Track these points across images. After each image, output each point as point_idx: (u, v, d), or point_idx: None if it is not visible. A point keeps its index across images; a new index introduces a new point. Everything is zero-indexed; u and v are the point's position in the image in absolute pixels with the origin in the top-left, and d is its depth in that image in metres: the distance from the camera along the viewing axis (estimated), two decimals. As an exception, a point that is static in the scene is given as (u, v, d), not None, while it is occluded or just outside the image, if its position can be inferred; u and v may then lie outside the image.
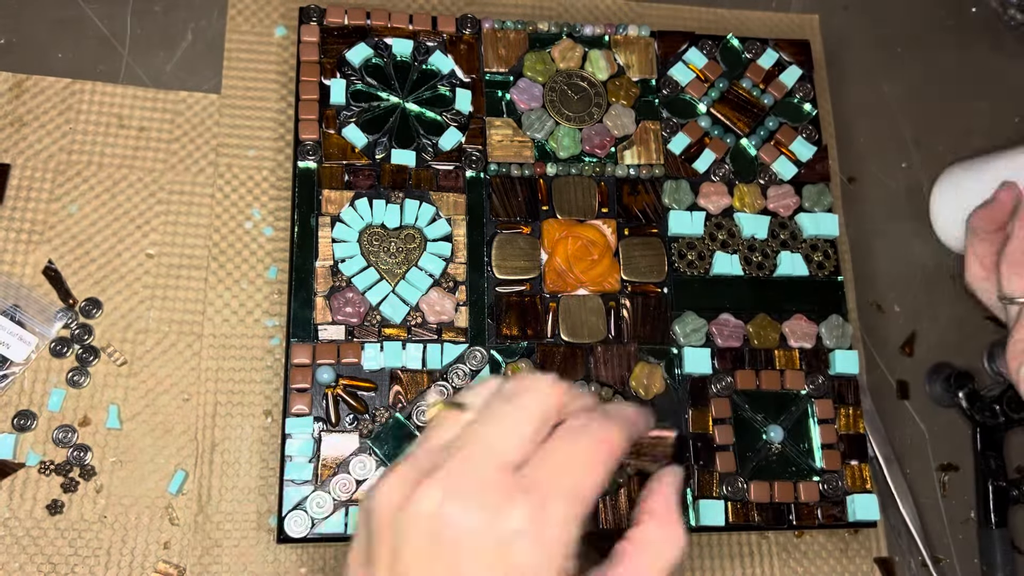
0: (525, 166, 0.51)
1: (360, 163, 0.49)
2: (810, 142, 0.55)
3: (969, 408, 0.54)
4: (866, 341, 0.55)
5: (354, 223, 0.48)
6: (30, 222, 0.49)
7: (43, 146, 0.50)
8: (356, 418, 0.45)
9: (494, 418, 0.30)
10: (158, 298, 0.49)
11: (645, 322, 0.50)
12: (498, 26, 0.54)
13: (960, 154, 0.59)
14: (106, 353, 0.47)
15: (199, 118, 0.52)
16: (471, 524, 0.27)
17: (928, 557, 0.51)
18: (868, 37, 0.63)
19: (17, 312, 0.47)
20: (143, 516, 0.45)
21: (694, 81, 0.55)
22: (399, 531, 0.28)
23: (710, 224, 0.52)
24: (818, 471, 0.49)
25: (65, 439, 0.45)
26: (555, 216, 0.51)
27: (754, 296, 0.51)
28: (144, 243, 0.50)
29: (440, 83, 0.52)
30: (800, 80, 0.56)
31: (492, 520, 0.27)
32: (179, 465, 0.46)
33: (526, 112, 0.52)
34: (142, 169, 0.51)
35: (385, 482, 0.29)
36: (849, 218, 0.58)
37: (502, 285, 0.49)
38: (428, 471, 0.29)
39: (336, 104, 0.50)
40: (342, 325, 0.47)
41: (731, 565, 0.49)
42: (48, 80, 0.51)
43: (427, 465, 0.29)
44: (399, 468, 0.30)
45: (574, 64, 0.54)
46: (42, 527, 0.44)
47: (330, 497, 0.44)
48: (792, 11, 0.62)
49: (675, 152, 0.53)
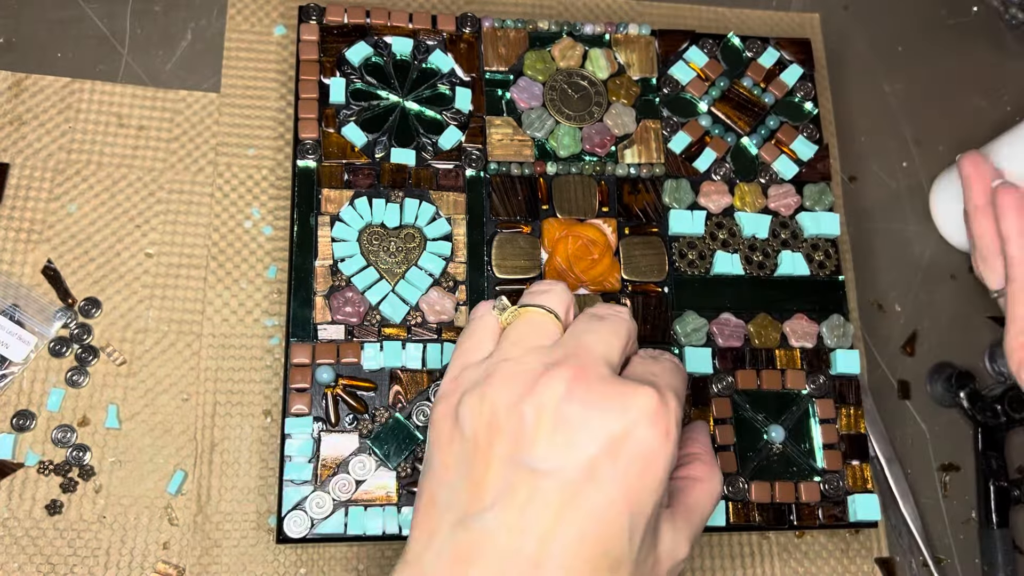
0: (525, 165, 0.51)
1: (360, 162, 0.49)
2: (811, 141, 0.55)
3: (970, 408, 0.54)
4: (867, 341, 0.55)
5: (354, 222, 0.48)
6: (29, 221, 0.49)
7: (42, 145, 0.50)
8: (356, 418, 0.45)
9: (595, 330, 0.33)
10: (157, 297, 0.49)
11: (646, 322, 0.50)
12: (498, 25, 0.54)
13: (961, 153, 0.59)
14: (105, 353, 0.47)
15: (198, 117, 0.52)
16: (599, 409, 0.30)
17: (929, 557, 0.51)
18: (869, 36, 0.63)
19: (16, 312, 0.47)
20: (142, 516, 0.45)
21: (695, 80, 0.55)
22: (523, 420, 0.30)
23: (711, 223, 0.52)
24: (819, 471, 0.49)
25: (64, 439, 0.45)
26: (555, 215, 0.51)
27: (755, 295, 0.51)
28: (143, 242, 0.49)
29: (440, 82, 0.52)
30: (801, 79, 0.56)
31: (618, 406, 0.30)
32: (178, 465, 0.46)
33: (526, 111, 0.52)
34: (141, 168, 0.51)
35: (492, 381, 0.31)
36: (850, 217, 0.58)
37: (502, 285, 0.49)
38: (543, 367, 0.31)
39: (336, 103, 0.50)
40: (342, 325, 0.47)
41: (732, 565, 0.49)
42: (47, 79, 0.51)
43: (537, 364, 0.31)
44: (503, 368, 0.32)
45: (574, 63, 0.54)
46: (41, 527, 0.44)
47: (330, 497, 0.44)
48: (793, 10, 0.62)
49: (676, 151, 0.53)
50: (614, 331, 0.33)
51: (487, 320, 0.36)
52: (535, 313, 0.34)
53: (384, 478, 0.44)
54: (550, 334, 0.33)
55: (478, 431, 0.31)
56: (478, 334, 0.35)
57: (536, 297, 0.35)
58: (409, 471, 0.45)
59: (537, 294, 0.35)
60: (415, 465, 0.45)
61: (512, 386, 0.31)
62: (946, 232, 0.59)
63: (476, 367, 0.33)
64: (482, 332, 0.35)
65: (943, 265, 0.59)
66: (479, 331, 0.35)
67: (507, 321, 0.35)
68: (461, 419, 0.31)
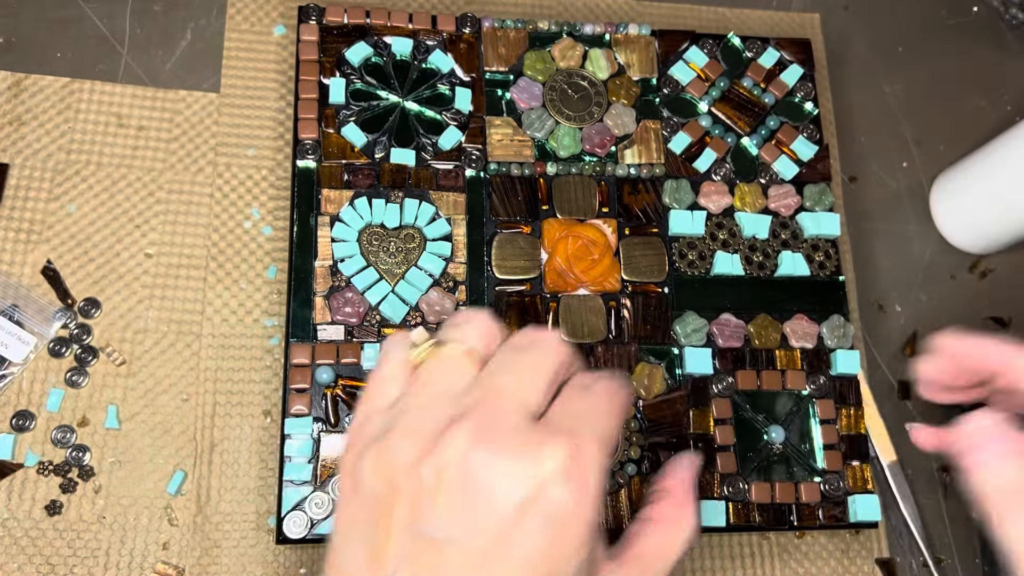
0: (525, 165, 0.51)
1: (359, 162, 0.49)
2: (811, 141, 0.55)
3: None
4: (867, 341, 0.55)
5: (353, 223, 0.48)
6: (28, 222, 0.49)
7: (42, 145, 0.50)
8: (356, 418, 0.45)
9: (512, 368, 0.29)
10: (157, 298, 0.49)
11: (646, 322, 0.49)
12: (498, 25, 0.53)
13: (961, 153, 0.59)
14: (105, 353, 0.47)
15: (198, 117, 0.52)
16: (505, 468, 0.27)
17: (929, 558, 0.51)
18: (869, 36, 0.63)
19: (15, 312, 0.47)
20: (142, 516, 0.45)
21: (695, 80, 0.55)
22: (422, 483, 0.27)
23: (711, 224, 0.52)
24: (819, 472, 0.49)
25: (64, 439, 0.45)
26: (555, 216, 0.51)
27: (755, 296, 0.51)
28: (143, 243, 0.49)
29: (440, 82, 0.52)
30: (801, 79, 0.56)
31: (527, 463, 0.27)
32: (178, 465, 0.46)
33: (526, 111, 0.52)
34: (141, 168, 0.51)
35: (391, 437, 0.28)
36: (850, 218, 0.58)
37: (502, 285, 0.49)
38: (447, 420, 0.28)
39: (335, 103, 0.50)
40: (341, 325, 0.46)
41: (732, 566, 0.49)
42: (47, 79, 0.51)
43: (441, 415, 0.28)
44: (404, 421, 0.28)
45: (574, 63, 0.54)
46: (41, 528, 0.44)
47: (329, 498, 0.44)
48: (793, 10, 0.62)
49: (676, 151, 0.53)
50: (534, 367, 0.29)
51: (396, 356, 0.31)
52: (448, 350, 0.30)
53: (384, 478, 0.44)
54: (464, 375, 0.30)
55: (378, 493, 0.28)
56: (385, 374, 0.31)
57: (453, 330, 0.31)
58: (409, 471, 0.45)
59: (454, 327, 0.31)
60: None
61: (413, 442, 0.27)
62: (946, 232, 0.59)
63: (382, 414, 0.30)
64: (390, 371, 0.31)
65: (943, 265, 0.59)
66: (387, 370, 0.31)
67: (418, 359, 0.31)
68: (361, 478, 0.28)
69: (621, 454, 0.46)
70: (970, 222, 0.57)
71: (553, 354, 0.30)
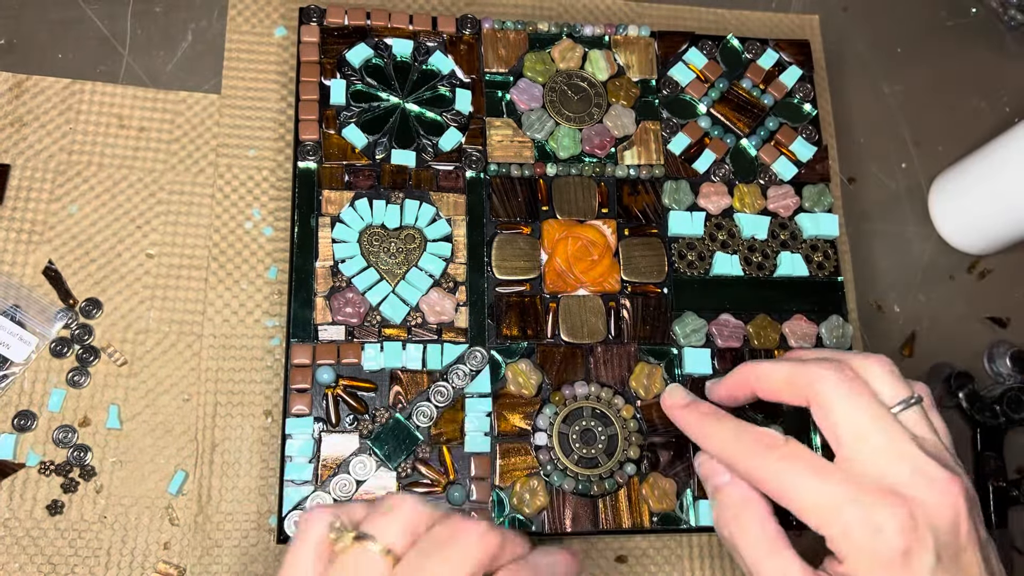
0: (525, 166, 0.51)
1: (360, 163, 0.49)
2: (810, 142, 0.55)
3: (969, 408, 0.54)
4: (866, 341, 0.55)
5: (354, 223, 0.48)
6: (30, 222, 0.49)
7: (43, 146, 0.50)
8: (356, 418, 0.45)
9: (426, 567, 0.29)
10: (158, 298, 0.49)
11: (645, 322, 0.50)
12: (498, 26, 0.54)
13: (960, 154, 0.59)
14: (106, 353, 0.47)
15: (199, 118, 0.52)
16: None
17: (928, 557, 0.51)
18: (868, 37, 0.63)
19: (17, 312, 0.47)
20: (143, 516, 0.45)
21: (694, 81, 0.55)
22: None
23: (710, 224, 0.52)
24: (818, 471, 0.49)
25: (65, 439, 0.45)
26: (555, 216, 0.51)
27: (754, 296, 0.51)
28: (144, 243, 0.50)
29: (440, 83, 0.52)
30: (800, 80, 0.56)
31: None
32: (179, 465, 0.46)
33: (526, 112, 0.52)
34: (142, 169, 0.51)
35: None
36: (849, 218, 0.58)
37: (502, 285, 0.49)
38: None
39: (336, 104, 0.50)
40: (342, 325, 0.47)
41: (731, 565, 0.49)
42: (48, 80, 0.51)
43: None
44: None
45: (574, 64, 0.54)
46: (42, 527, 0.44)
47: (330, 498, 0.44)
48: (792, 11, 0.62)
49: (675, 152, 0.53)
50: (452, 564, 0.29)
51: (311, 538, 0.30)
52: (362, 551, 0.29)
53: (384, 478, 0.44)
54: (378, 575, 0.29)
55: None
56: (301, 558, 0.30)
57: (374, 520, 0.30)
58: (409, 471, 0.45)
59: (380, 514, 0.30)
60: (415, 465, 0.45)
61: None
62: (945, 233, 0.59)
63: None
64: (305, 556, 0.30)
65: (942, 266, 0.59)
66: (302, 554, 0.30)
67: (339, 547, 0.30)
68: None
69: (620, 454, 0.46)
70: (969, 223, 0.57)
71: (474, 549, 0.29)
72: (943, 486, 0.34)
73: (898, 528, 0.33)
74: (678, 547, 0.49)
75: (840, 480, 0.35)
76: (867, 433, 0.36)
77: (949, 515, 0.34)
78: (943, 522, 0.34)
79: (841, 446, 0.36)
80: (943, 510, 0.34)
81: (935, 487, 0.34)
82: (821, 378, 0.37)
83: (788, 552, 0.36)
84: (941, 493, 0.34)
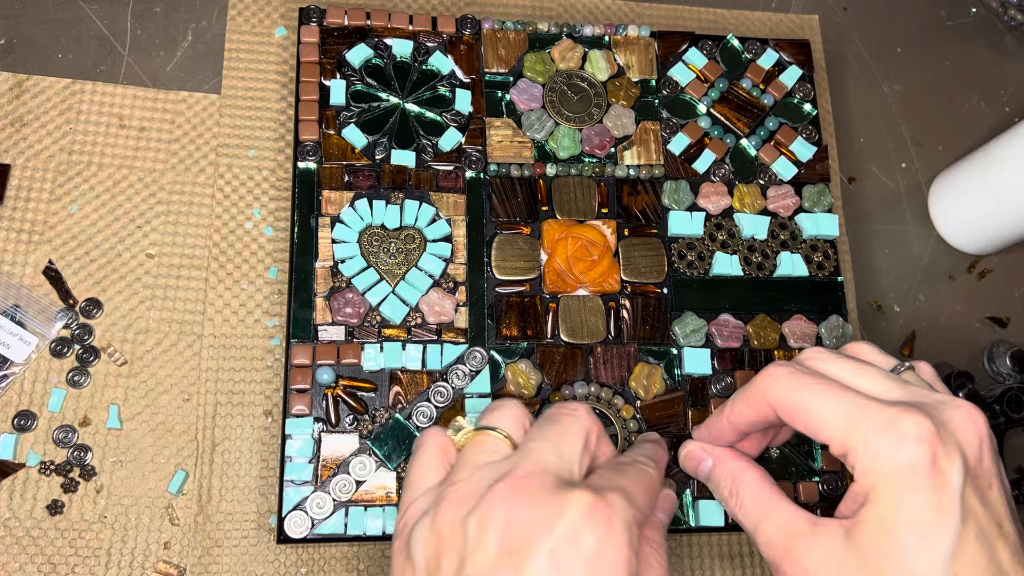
0: (525, 166, 0.51)
1: (360, 164, 0.49)
2: (810, 142, 0.55)
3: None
4: (866, 341, 0.55)
5: (354, 224, 0.48)
6: (30, 222, 0.49)
7: (43, 146, 0.50)
8: (356, 419, 0.45)
9: (544, 438, 0.33)
10: (158, 298, 0.49)
11: (645, 322, 0.50)
12: (498, 26, 0.54)
13: (960, 154, 0.59)
14: (106, 353, 0.47)
15: (199, 118, 0.52)
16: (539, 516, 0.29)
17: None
18: (868, 37, 0.63)
19: (17, 312, 0.47)
20: (143, 516, 0.45)
21: (694, 81, 0.55)
22: (467, 537, 0.30)
23: (710, 224, 0.52)
24: (818, 471, 0.49)
25: (65, 439, 0.45)
26: (555, 216, 0.51)
27: (754, 296, 0.51)
28: (144, 243, 0.50)
29: (440, 83, 0.52)
30: (800, 80, 0.56)
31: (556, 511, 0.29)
32: (179, 465, 0.46)
33: (526, 112, 0.52)
34: (142, 169, 0.51)
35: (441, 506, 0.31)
36: (849, 218, 0.58)
37: (502, 285, 0.49)
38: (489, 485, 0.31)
39: (336, 105, 0.50)
40: (342, 326, 0.47)
41: (730, 565, 0.49)
42: (48, 80, 0.51)
43: (485, 481, 0.31)
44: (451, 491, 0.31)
45: (574, 64, 0.54)
46: (42, 527, 0.44)
47: (330, 498, 0.44)
48: (792, 12, 0.62)
49: (675, 152, 0.53)
50: (564, 435, 0.33)
51: (432, 444, 0.35)
52: (484, 435, 0.34)
53: (384, 478, 0.45)
54: (500, 453, 0.33)
55: (428, 558, 0.30)
56: (423, 462, 0.35)
57: (487, 417, 0.35)
58: (409, 471, 0.45)
59: (488, 413, 0.35)
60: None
61: (459, 507, 0.31)
62: (945, 232, 0.59)
63: (425, 496, 0.33)
64: (428, 459, 0.35)
65: (942, 266, 0.59)
66: (425, 459, 0.35)
67: (460, 443, 0.35)
68: (412, 550, 0.31)
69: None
70: (968, 222, 0.57)
71: (581, 423, 0.33)
72: (968, 411, 0.32)
73: (923, 436, 0.31)
74: (678, 547, 0.49)
75: (857, 395, 0.33)
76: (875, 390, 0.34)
77: (975, 440, 0.32)
78: (969, 444, 0.32)
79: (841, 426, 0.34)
80: (968, 433, 0.32)
81: (960, 411, 0.32)
82: (771, 375, 0.36)
83: (785, 504, 0.35)
84: (967, 417, 0.32)
